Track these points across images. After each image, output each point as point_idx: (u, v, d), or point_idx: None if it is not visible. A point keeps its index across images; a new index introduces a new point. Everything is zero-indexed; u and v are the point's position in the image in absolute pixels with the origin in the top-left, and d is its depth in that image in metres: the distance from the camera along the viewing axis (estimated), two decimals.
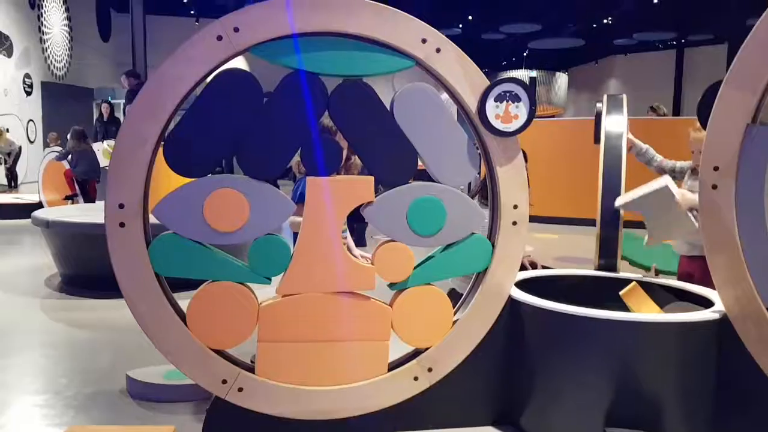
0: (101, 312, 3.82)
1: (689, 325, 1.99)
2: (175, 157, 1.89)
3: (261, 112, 1.91)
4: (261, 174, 1.93)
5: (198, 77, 1.85)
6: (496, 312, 2.13)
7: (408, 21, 1.94)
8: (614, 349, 2.00)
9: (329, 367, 2.03)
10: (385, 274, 2.05)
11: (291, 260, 1.97)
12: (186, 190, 1.90)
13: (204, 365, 1.97)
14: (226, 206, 1.89)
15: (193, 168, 1.91)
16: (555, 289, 2.33)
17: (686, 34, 19.96)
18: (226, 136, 1.90)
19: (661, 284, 2.43)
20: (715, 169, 1.89)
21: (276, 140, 1.92)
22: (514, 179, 2.08)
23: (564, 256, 6.08)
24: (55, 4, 16.26)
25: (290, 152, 1.97)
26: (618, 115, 2.62)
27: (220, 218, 1.90)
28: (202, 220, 1.89)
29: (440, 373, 2.11)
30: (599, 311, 2.01)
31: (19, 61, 14.06)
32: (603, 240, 2.51)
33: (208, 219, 1.89)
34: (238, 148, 1.92)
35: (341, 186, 1.99)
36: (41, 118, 15.21)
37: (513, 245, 2.11)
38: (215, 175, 1.92)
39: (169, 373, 2.48)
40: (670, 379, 2.00)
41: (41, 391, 2.59)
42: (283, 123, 1.92)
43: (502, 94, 2.00)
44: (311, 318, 2.00)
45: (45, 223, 4.33)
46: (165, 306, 1.93)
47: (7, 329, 3.50)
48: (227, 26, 1.83)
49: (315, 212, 1.97)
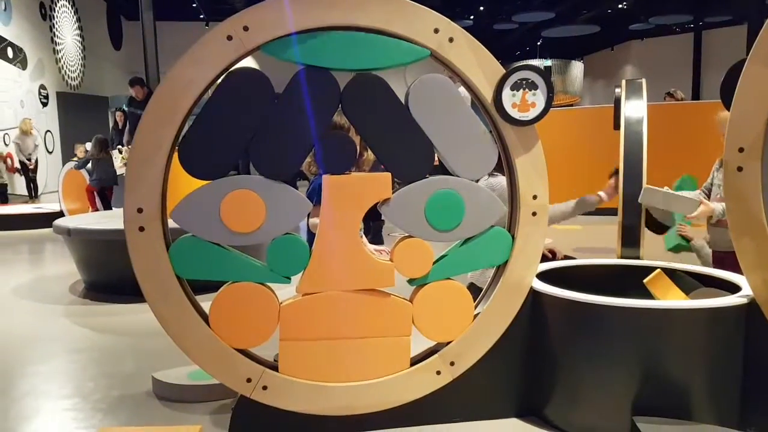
0: (125, 316, 3.86)
1: (717, 311, 1.94)
2: (190, 160, 1.88)
3: (273, 111, 1.90)
4: (275, 173, 1.92)
5: (210, 78, 1.84)
6: (518, 304, 2.10)
7: (419, 11, 1.91)
8: (640, 338, 1.97)
9: (352, 363, 2.02)
10: (405, 270, 2.03)
11: (310, 259, 1.96)
12: (202, 193, 1.89)
13: (228, 365, 1.97)
14: (243, 207, 1.89)
15: (209, 170, 1.91)
16: (577, 279, 2.30)
17: (703, 16, 19.59)
18: (240, 136, 1.89)
19: (686, 270, 2.38)
20: (740, 151, 1.84)
21: (289, 138, 1.91)
22: (533, 169, 2.05)
23: (585, 246, 6.01)
24: (67, 15, 16.47)
25: (304, 150, 1.96)
26: (637, 100, 2.57)
27: (237, 219, 1.89)
28: (220, 222, 1.88)
29: (463, 367, 2.09)
30: (624, 300, 1.97)
31: (34, 73, 14.25)
32: (625, 228, 2.47)
33: (226, 221, 1.88)
34: (252, 148, 1.91)
35: (358, 183, 1.98)
36: (58, 128, 15.43)
37: (533, 236, 2.09)
38: (230, 177, 1.92)
39: (193, 373, 2.49)
40: (697, 366, 1.96)
41: (69, 395, 2.62)
42: (295, 121, 1.90)
43: (518, 82, 1.97)
44: (332, 316, 1.99)
45: (66, 231, 4.38)
46: (187, 307, 1.94)
47: (34, 336, 3.55)
48: (237, 25, 1.82)
49: (332, 210, 1.96)
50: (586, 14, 18.80)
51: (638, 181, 2.41)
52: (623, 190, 2.48)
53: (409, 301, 2.06)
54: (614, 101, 2.65)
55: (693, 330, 1.95)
